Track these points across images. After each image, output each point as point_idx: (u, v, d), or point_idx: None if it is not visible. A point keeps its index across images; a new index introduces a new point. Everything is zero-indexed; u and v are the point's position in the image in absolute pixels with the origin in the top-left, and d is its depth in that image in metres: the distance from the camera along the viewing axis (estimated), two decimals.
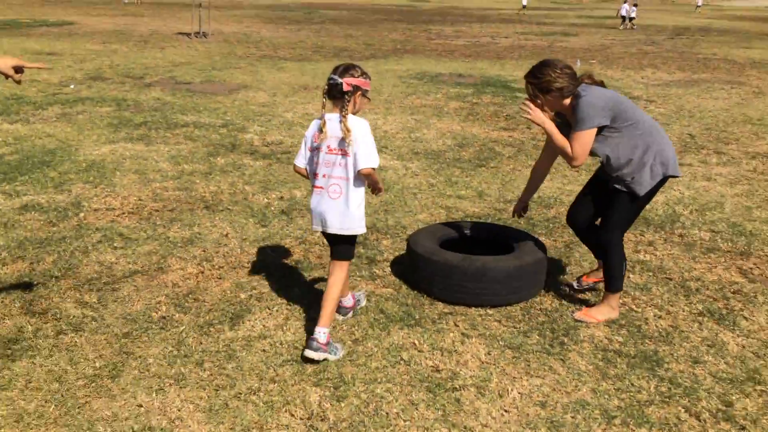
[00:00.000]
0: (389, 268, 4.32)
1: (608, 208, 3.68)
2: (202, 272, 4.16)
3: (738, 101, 11.59)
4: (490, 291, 3.76)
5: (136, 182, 5.92)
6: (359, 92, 3.25)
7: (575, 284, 4.11)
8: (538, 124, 3.53)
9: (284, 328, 3.53)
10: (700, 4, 60.21)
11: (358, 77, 3.23)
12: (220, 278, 4.09)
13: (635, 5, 33.10)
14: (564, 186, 6.28)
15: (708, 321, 3.78)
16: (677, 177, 3.66)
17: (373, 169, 3.24)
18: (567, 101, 3.52)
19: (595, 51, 20.20)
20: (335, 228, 3.30)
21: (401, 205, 5.63)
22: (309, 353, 3.18)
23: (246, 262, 4.34)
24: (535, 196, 5.95)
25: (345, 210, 3.27)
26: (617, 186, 3.61)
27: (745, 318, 3.82)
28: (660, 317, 3.81)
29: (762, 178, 6.82)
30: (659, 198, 5.97)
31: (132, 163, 6.51)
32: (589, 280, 4.15)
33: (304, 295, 3.91)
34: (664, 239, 5.01)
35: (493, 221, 5.29)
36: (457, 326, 3.62)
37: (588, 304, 3.92)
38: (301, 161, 3.45)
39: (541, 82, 3.47)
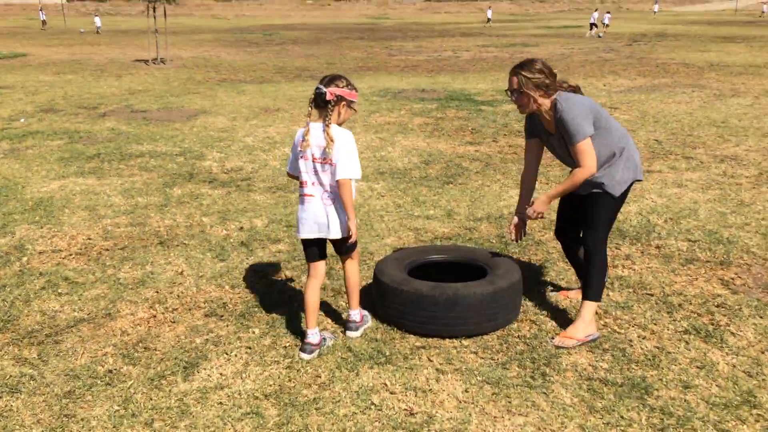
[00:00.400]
0: None
1: (588, 211, 3.63)
2: (154, 316, 3.85)
3: (700, 104, 11.62)
4: (464, 320, 3.52)
5: (86, 219, 5.58)
6: (343, 102, 3.32)
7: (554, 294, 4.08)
8: (549, 204, 3.60)
9: (243, 375, 3.24)
10: (656, 10, 61.78)
11: (342, 87, 3.30)
12: (173, 322, 3.78)
13: (608, 12, 33.74)
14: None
15: (694, 339, 3.58)
16: (641, 181, 3.70)
17: (350, 180, 3.29)
18: (548, 103, 3.47)
19: (556, 60, 20.30)
20: (338, 233, 3.39)
21: (367, 229, 5.38)
22: (351, 334, 3.58)
23: (202, 301, 4.04)
24: (505, 211, 5.75)
25: (341, 214, 3.37)
26: (594, 190, 3.58)
27: (733, 334, 3.63)
28: (644, 338, 3.60)
29: (732, 182, 6.72)
30: (632, 208, 5.82)
31: (82, 199, 6.16)
32: (569, 295, 4.07)
33: (265, 335, 3.62)
34: (641, 252, 4.83)
35: (464, 241, 5.07)
36: (431, 361, 3.36)
37: (565, 324, 3.70)
38: (291, 168, 3.53)
39: (535, 76, 3.40)
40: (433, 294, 3.50)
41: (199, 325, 3.73)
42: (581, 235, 3.74)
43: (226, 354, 3.42)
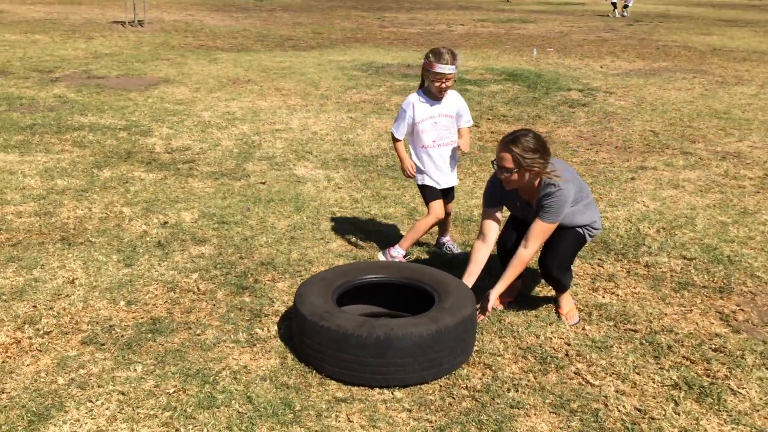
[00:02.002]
0: (276, 327, 3.32)
1: (559, 240, 3.36)
2: (18, 342, 3.10)
3: (701, 92, 10.84)
4: (397, 367, 2.79)
5: None
6: (426, 72, 3.83)
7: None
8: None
9: None
10: None
11: (423, 60, 3.82)
12: (40, 351, 3.04)
13: None
14: None
15: (686, 398, 2.86)
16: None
17: (392, 136, 4.02)
18: (537, 180, 3.25)
19: (553, 38, 19.39)
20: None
21: (313, 229, 4.63)
22: (381, 256, 4.12)
23: (85, 322, 3.29)
24: (475, 212, 5.01)
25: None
26: (572, 228, 3.42)
27: (733, 391, 2.92)
28: (623, 394, 2.88)
29: (735, 183, 5.98)
30: (621, 213, 5.09)
31: None
32: (509, 300, 3.64)
33: (149, 375, 2.88)
34: (627, 271, 4.10)
35: (421, 248, 4.33)
36: (351, 422, 2.64)
37: (528, 371, 2.98)
38: None
39: (528, 156, 3.13)
40: (359, 334, 2.77)
41: (70, 357, 2.99)
42: (545, 264, 3.43)
43: (91, 402, 2.69)
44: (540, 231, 3.25)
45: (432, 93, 3.88)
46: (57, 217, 4.63)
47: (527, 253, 3.27)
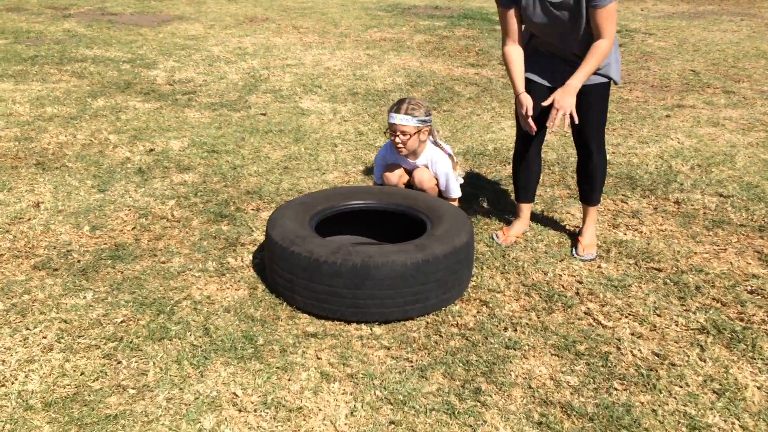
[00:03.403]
0: (251, 257, 2.98)
1: (592, 107, 2.92)
2: None
3: (749, 34, 10.06)
4: (376, 300, 2.43)
5: None
6: None
7: (498, 239, 3.19)
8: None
9: (34, 365, 2.21)
10: None
11: None
12: None
13: None
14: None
15: (714, 344, 2.45)
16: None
17: None
18: None
19: None
20: None
21: (309, 160, 4.25)
22: None
23: (42, 246, 2.99)
24: (490, 146, 4.58)
25: None
26: (599, 81, 2.88)
27: None
28: (640, 337, 2.48)
29: None
30: (651, 150, 4.60)
31: None
32: (517, 236, 3.22)
33: (98, 302, 2.57)
34: (653, 207, 3.65)
35: None
36: (319, 359, 2.30)
37: (530, 308, 2.59)
38: None
39: None
40: (333, 261, 2.40)
41: (16, 282, 2.69)
42: (581, 137, 3.03)
43: (27, 329, 2.39)
44: (605, 17, 2.67)
45: None
46: (38, 142, 4.33)
47: (606, 43, 2.72)
